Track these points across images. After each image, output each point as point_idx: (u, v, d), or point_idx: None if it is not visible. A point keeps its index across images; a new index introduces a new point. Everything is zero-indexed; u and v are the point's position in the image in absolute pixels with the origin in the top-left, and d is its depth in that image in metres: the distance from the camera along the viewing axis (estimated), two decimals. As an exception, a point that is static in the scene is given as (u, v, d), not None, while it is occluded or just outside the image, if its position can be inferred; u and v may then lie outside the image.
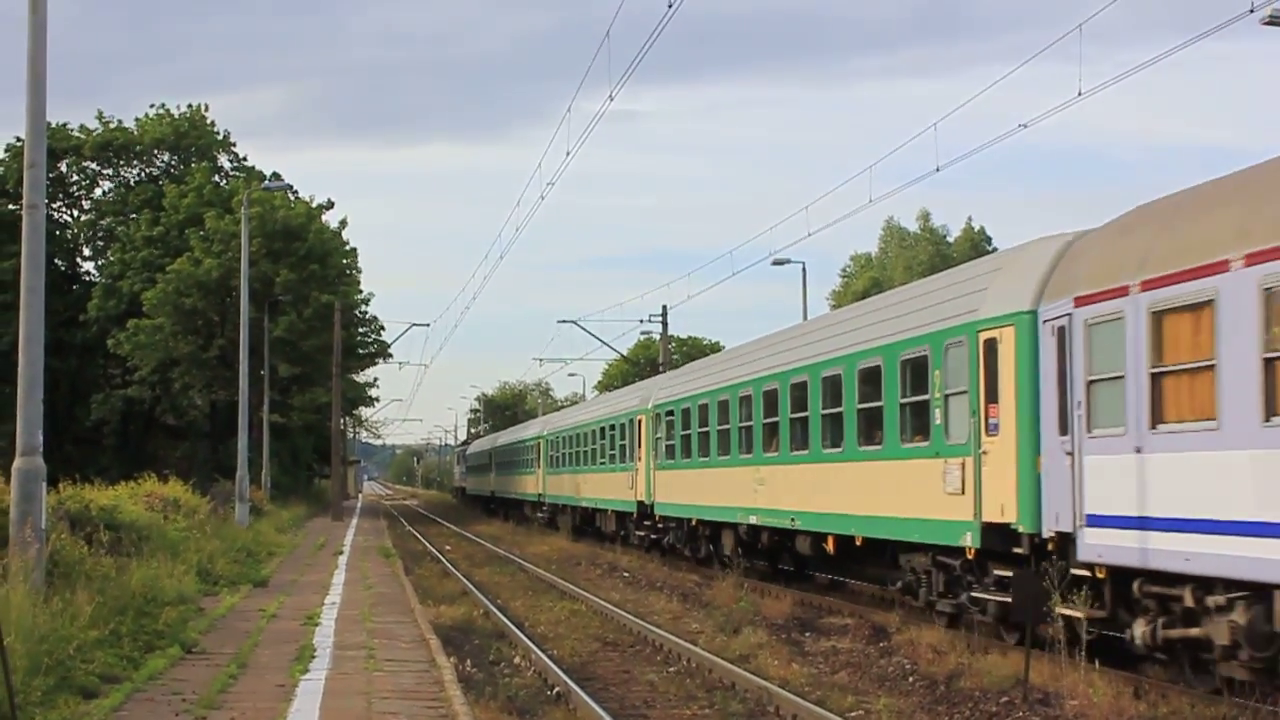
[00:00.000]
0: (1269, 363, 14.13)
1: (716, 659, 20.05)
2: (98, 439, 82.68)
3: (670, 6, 25.17)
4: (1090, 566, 17.73)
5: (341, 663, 18.29)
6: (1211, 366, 15.07)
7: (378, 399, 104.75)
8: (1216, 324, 14.97)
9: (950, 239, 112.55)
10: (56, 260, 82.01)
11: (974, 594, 21.32)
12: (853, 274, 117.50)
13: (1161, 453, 16.01)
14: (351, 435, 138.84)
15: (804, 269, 62.20)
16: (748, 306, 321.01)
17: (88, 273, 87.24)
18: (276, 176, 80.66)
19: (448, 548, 51.81)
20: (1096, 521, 17.36)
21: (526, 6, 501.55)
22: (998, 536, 19.95)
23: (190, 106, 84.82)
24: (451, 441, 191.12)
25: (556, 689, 18.12)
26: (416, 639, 21.23)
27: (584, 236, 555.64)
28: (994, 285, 20.83)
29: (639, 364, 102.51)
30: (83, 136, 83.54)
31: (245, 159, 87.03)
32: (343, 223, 79.39)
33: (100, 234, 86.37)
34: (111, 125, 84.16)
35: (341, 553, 43.45)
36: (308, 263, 72.72)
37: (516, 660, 21.07)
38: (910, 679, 18.92)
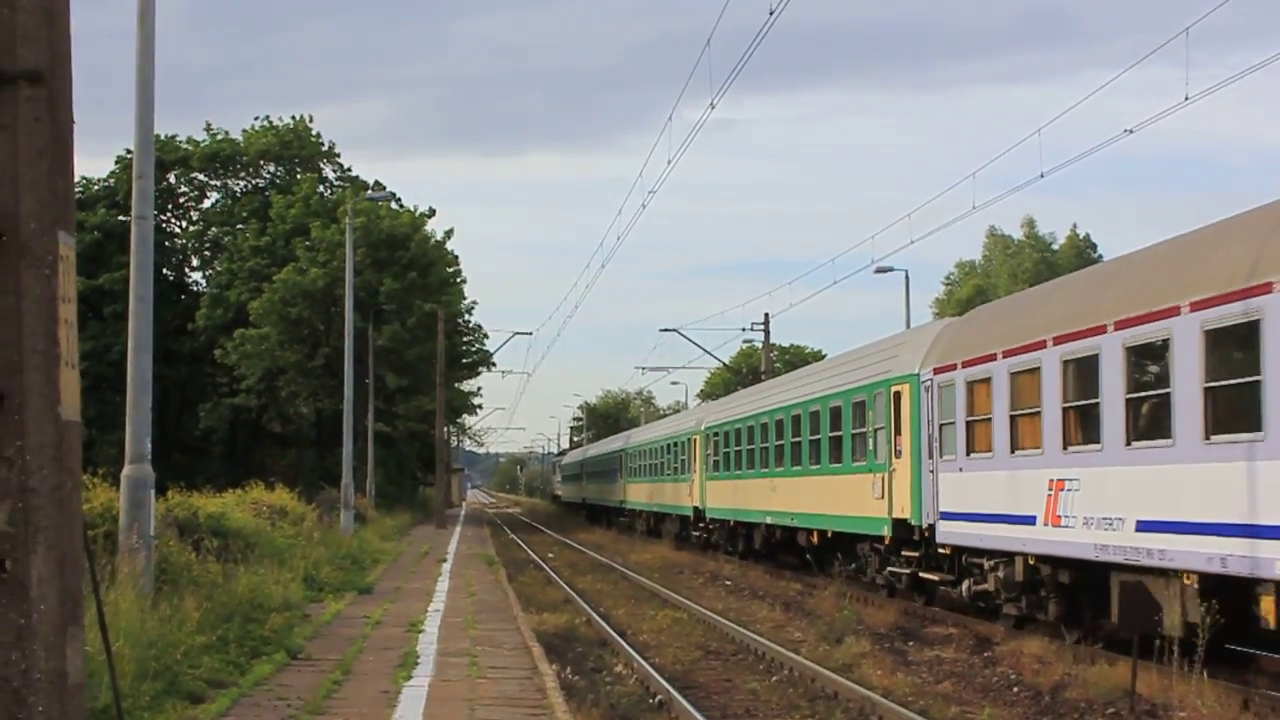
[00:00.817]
0: (1014, 419, 22.77)
1: (819, 668, 19.96)
2: (206, 447, 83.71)
3: (771, 14, 25.11)
4: (943, 546, 26.06)
5: (445, 669, 18.38)
6: (989, 419, 23.69)
7: (480, 405, 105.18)
8: (993, 392, 23.50)
9: (1055, 246, 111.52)
10: (165, 270, 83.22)
11: (891, 569, 29.54)
12: (957, 281, 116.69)
13: (971, 471, 24.67)
14: (455, 443, 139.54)
15: (906, 277, 61.96)
16: (850, 314, 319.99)
17: (196, 283, 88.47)
18: (380, 186, 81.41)
19: (550, 555, 51.93)
20: (945, 516, 25.82)
21: (628, 16, 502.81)
22: (902, 528, 28.25)
23: (294, 118, 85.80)
24: (554, 449, 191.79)
25: (658, 697, 18.11)
26: (519, 646, 21.29)
27: (686, 245, 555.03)
28: (901, 354, 29.54)
29: (741, 372, 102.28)
30: (190, 148, 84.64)
31: (349, 169, 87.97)
32: (448, 233, 79.95)
33: (208, 244, 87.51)
34: (218, 137, 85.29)
35: (445, 560, 43.67)
36: (411, 272, 73.22)
37: (618, 668, 21.08)
38: (1015, 689, 18.77)
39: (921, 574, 27.88)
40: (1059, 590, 21.97)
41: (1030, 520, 21.91)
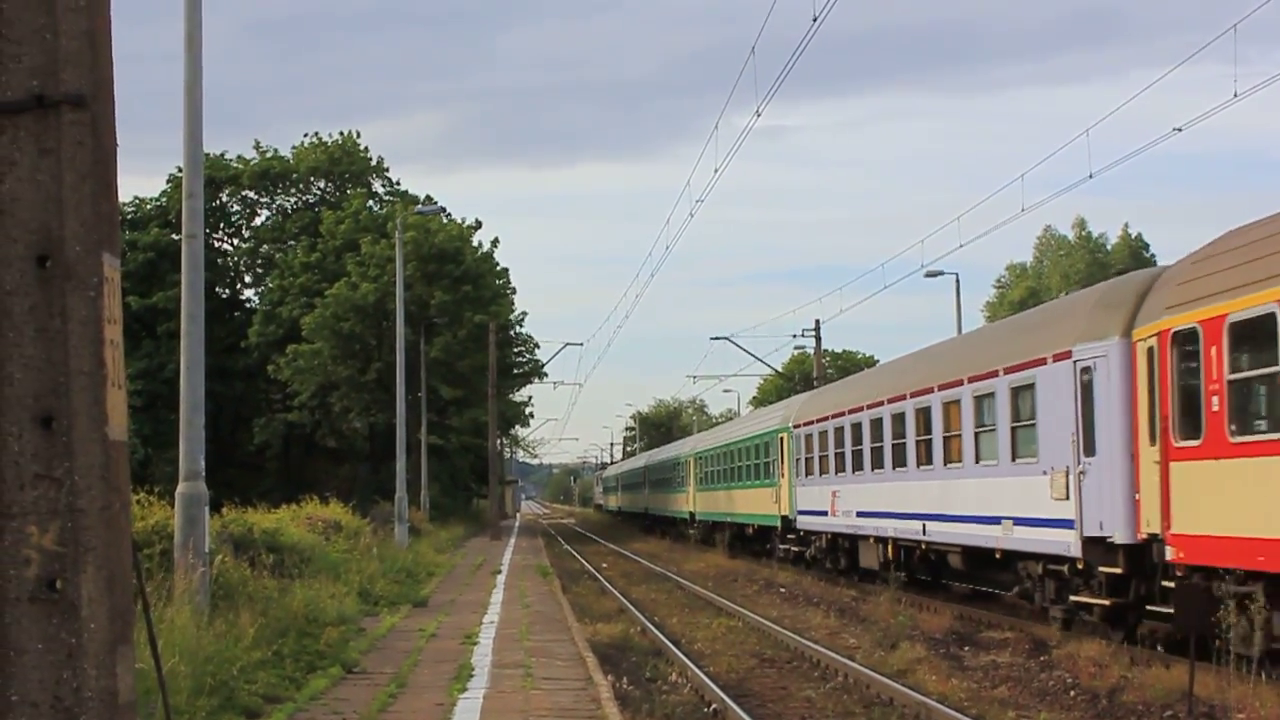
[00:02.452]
0: (820, 457, 39.87)
1: (874, 674, 19.92)
2: (260, 462, 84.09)
3: (814, 20, 25.13)
4: (800, 530, 42.98)
5: (499, 681, 18.41)
6: (812, 456, 40.76)
7: (532, 414, 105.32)
8: (813, 440, 40.75)
9: (1108, 246, 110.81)
10: (218, 288, 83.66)
11: (782, 546, 46.11)
12: (1008, 284, 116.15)
13: (808, 486, 41.43)
14: (509, 455, 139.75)
15: (957, 280, 61.81)
16: (901, 319, 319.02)
17: (249, 299, 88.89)
18: (430, 200, 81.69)
19: (604, 565, 51.98)
20: (800, 513, 42.71)
21: (674, 26, 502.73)
22: (786, 522, 44.73)
23: (343, 134, 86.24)
24: (608, 459, 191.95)
25: (713, 706, 18.10)
26: (574, 657, 21.31)
27: (735, 252, 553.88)
28: (785, 412, 47.52)
29: (793, 379, 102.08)
30: (240, 166, 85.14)
31: (398, 183, 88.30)
32: (494, 243, 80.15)
33: (260, 261, 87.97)
34: (268, 155, 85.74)
35: (499, 572, 43.76)
36: (462, 284, 73.39)
37: (673, 677, 21.04)
38: (1071, 693, 18.66)
39: (793, 549, 44.65)
40: (844, 551, 38.48)
41: (825, 513, 39.07)
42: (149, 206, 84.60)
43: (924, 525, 30.18)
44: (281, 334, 76.77)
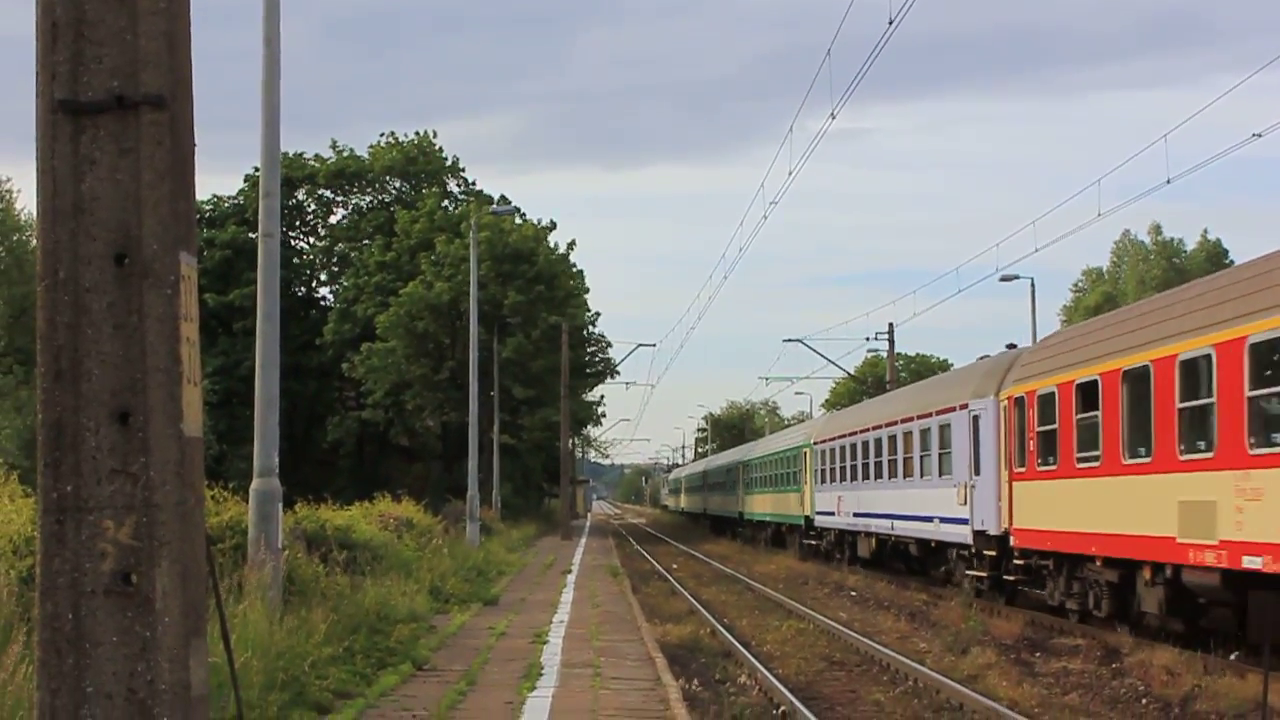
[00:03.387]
0: (833, 469, 49.46)
1: (944, 679, 19.81)
2: (334, 460, 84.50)
3: (890, 23, 25.07)
4: (819, 527, 52.17)
5: (568, 680, 18.44)
6: (825, 468, 50.75)
7: (604, 414, 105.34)
8: (828, 454, 50.49)
9: (1186, 251, 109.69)
10: (294, 286, 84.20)
11: (804, 541, 54.09)
12: (1084, 289, 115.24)
13: (823, 491, 50.88)
14: (580, 455, 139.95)
15: (1032, 285, 61.35)
16: (975, 323, 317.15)
17: (324, 298, 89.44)
18: (504, 200, 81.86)
19: (674, 566, 51.94)
20: (818, 513, 52.11)
21: (750, 27, 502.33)
22: (808, 520, 53.72)
23: (418, 134, 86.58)
24: (680, 461, 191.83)
25: (782, 708, 18.05)
26: (643, 657, 21.32)
27: (808, 255, 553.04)
28: (805, 431, 59.53)
29: (865, 382, 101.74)
30: (317, 165, 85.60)
31: (474, 183, 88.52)
32: (571, 244, 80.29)
33: (335, 260, 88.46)
34: (344, 154, 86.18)
35: (570, 571, 43.80)
36: (535, 285, 73.56)
37: (742, 679, 21.01)
38: (1143, 701, 18.51)
39: (812, 542, 53.24)
40: (849, 543, 46.66)
41: (833, 514, 48.58)
42: (226, 204, 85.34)
43: (892, 523, 39.92)
44: (356, 332, 77.17)
